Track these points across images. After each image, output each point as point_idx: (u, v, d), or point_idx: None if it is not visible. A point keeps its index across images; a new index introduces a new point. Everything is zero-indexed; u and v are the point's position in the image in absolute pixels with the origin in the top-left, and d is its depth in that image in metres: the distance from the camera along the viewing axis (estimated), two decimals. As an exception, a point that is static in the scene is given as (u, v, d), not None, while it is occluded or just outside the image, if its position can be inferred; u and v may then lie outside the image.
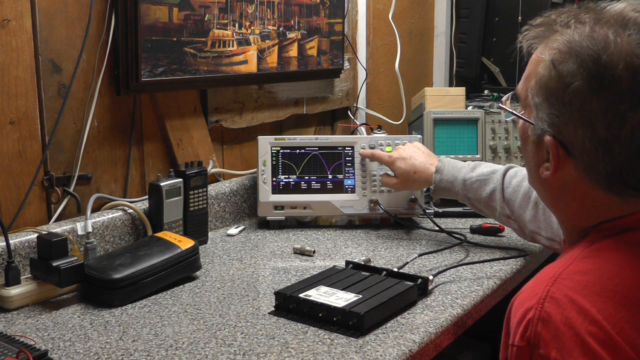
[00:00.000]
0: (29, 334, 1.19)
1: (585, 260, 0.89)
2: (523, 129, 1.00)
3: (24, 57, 1.42)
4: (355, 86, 2.42)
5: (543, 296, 0.84)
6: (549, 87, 0.91)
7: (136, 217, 1.59)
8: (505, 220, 1.55)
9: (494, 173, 1.55)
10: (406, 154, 1.70)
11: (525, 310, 0.85)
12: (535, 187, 1.05)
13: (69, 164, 1.54)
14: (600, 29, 0.89)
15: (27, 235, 1.39)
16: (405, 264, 1.48)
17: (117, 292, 1.32)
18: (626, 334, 0.80)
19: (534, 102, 0.94)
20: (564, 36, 0.91)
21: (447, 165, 1.62)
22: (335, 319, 1.20)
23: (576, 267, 0.88)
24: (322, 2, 2.09)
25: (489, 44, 2.50)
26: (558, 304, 0.83)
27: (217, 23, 1.78)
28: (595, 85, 0.87)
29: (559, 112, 0.91)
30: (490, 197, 1.54)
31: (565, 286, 0.84)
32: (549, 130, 0.92)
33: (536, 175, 0.99)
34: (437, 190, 1.64)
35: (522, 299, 0.87)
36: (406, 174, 1.68)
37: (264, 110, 2.03)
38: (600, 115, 0.87)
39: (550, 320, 0.82)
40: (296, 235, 1.78)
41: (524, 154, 1.03)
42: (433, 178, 1.63)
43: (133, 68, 1.59)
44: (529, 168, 1.03)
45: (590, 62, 0.87)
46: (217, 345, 1.15)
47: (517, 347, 0.84)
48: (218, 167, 1.91)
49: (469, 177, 1.57)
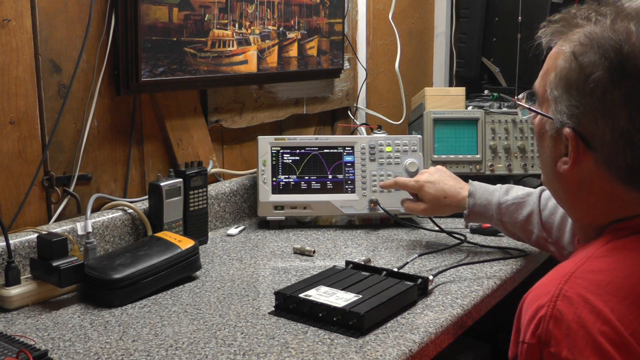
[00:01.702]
0: (29, 334, 1.19)
1: (600, 259, 0.88)
2: (540, 124, 0.99)
3: (24, 57, 1.42)
4: (355, 86, 2.42)
5: (556, 294, 0.83)
6: (569, 79, 0.91)
7: (136, 217, 1.59)
8: (542, 244, 1.47)
9: (529, 195, 1.48)
10: (434, 178, 1.60)
11: (537, 307, 0.84)
12: (550, 186, 1.04)
13: (69, 164, 1.54)
14: (621, 21, 0.89)
15: (27, 235, 1.39)
16: (405, 264, 1.48)
17: (117, 292, 1.32)
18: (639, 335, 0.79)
19: (553, 96, 0.94)
20: (585, 28, 0.91)
21: (479, 189, 1.54)
22: (335, 319, 1.20)
23: (590, 265, 0.87)
24: (322, 2, 2.09)
25: (489, 44, 2.50)
26: (571, 302, 0.82)
27: (217, 23, 1.78)
28: (617, 75, 0.87)
29: (579, 103, 0.90)
30: (527, 220, 1.47)
31: (578, 285, 0.84)
32: (569, 123, 0.92)
33: (553, 172, 0.98)
34: (471, 215, 1.54)
35: (534, 296, 0.86)
36: (436, 199, 1.58)
37: (264, 110, 2.03)
38: (621, 105, 0.87)
39: (563, 318, 0.81)
40: (296, 235, 1.78)
41: (540, 151, 1.02)
42: (466, 202, 1.54)
43: (133, 68, 1.59)
44: (545, 165, 1.01)
45: (612, 52, 0.87)
46: (217, 345, 1.15)
47: (527, 344, 0.84)
48: (218, 167, 1.91)
49: (504, 200, 1.50)
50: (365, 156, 1.86)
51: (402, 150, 1.87)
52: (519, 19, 2.34)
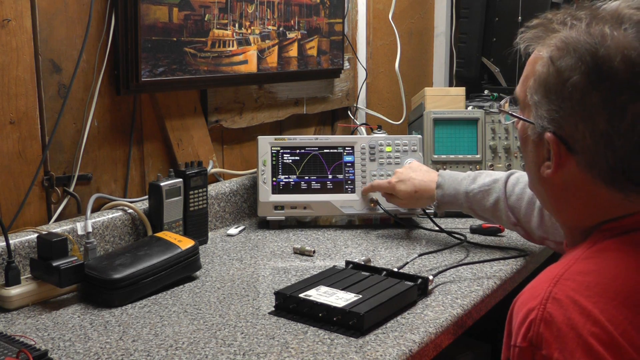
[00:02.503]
0: (29, 334, 1.19)
1: (587, 261, 0.89)
2: (523, 129, 1.00)
3: (24, 57, 1.42)
4: (355, 86, 2.42)
5: (545, 297, 0.84)
6: (547, 83, 0.92)
7: (136, 217, 1.59)
8: (512, 228, 1.54)
9: (495, 182, 1.55)
10: (404, 176, 1.70)
11: (528, 311, 0.84)
12: (535, 190, 1.05)
13: (69, 164, 1.54)
14: (596, 24, 0.89)
15: (27, 235, 1.39)
16: (405, 264, 1.48)
17: (117, 292, 1.32)
18: (629, 335, 0.80)
19: (533, 101, 0.94)
20: (561, 33, 0.92)
21: (447, 179, 1.62)
22: (335, 319, 1.20)
23: (578, 267, 0.88)
24: (322, 2, 2.09)
25: (489, 44, 2.50)
26: (560, 304, 0.82)
27: (217, 23, 1.78)
28: (594, 78, 0.87)
29: (558, 107, 0.91)
30: (495, 206, 1.53)
31: (567, 287, 0.84)
32: (549, 127, 0.92)
33: (537, 176, 0.99)
34: (441, 205, 1.64)
35: (524, 299, 0.87)
36: (409, 195, 1.68)
37: (264, 110, 2.03)
38: (600, 108, 0.87)
39: (553, 321, 0.82)
40: (296, 235, 1.78)
41: (524, 156, 1.03)
42: (435, 194, 1.63)
43: (133, 68, 1.59)
44: (529, 170, 1.03)
45: (588, 55, 0.88)
46: (217, 345, 1.15)
47: (519, 347, 0.84)
48: (218, 167, 1.91)
49: (471, 189, 1.57)
50: (365, 156, 1.86)
51: (402, 150, 1.87)
52: (519, 19, 2.34)
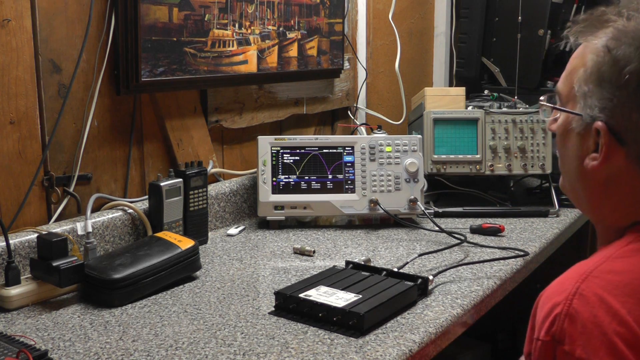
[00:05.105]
0: (29, 334, 1.19)
1: (619, 260, 0.87)
2: (565, 123, 0.97)
3: (24, 57, 1.42)
4: (355, 86, 2.42)
5: (572, 292, 0.83)
6: (602, 72, 0.90)
7: (136, 217, 1.59)
8: None
9: None
10: None
11: (553, 305, 0.83)
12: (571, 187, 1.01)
13: (69, 164, 1.54)
14: None
15: (27, 235, 1.39)
16: (405, 264, 1.48)
17: (117, 292, 1.32)
18: None
19: (582, 92, 0.93)
20: (617, 23, 0.91)
21: None
22: (335, 319, 1.20)
23: (609, 266, 0.86)
24: (322, 2, 2.09)
25: (489, 44, 2.50)
26: (587, 301, 0.81)
27: (217, 23, 1.78)
28: None
29: (612, 95, 0.89)
30: None
31: (596, 284, 0.83)
32: (600, 116, 0.90)
33: (578, 170, 0.96)
34: None
35: (550, 294, 0.86)
36: None
37: (264, 110, 2.03)
38: None
39: (578, 317, 0.81)
40: (296, 235, 1.78)
41: (563, 151, 1.00)
42: None
43: (133, 68, 1.59)
44: (569, 164, 0.99)
45: None
46: (217, 345, 1.15)
47: (541, 341, 0.83)
48: (218, 167, 1.91)
49: None
50: (365, 156, 1.86)
51: (402, 150, 1.87)
52: (519, 19, 2.34)
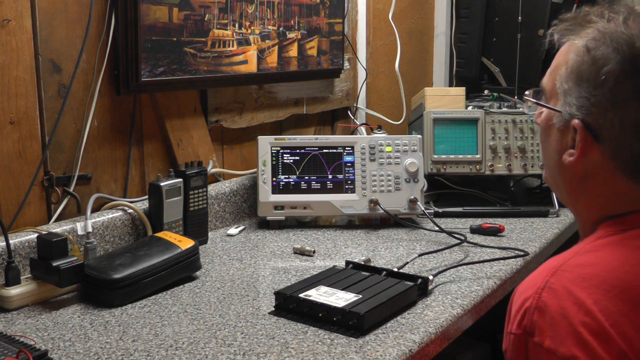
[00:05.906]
0: (29, 334, 1.19)
1: (587, 254, 0.91)
2: (547, 118, 1.01)
3: (24, 57, 1.42)
4: (355, 86, 2.42)
5: (542, 286, 0.86)
6: (580, 71, 0.93)
7: (136, 217, 1.59)
8: None
9: None
10: None
11: (524, 299, 0.87)
12: (553, 180, 1.05)
13: (69, 164, 1.54)
14: (634, 20, 0.92)
15: (27, 235, 1.39)
16: (405, 264, 1.48)
17: (117, 292, 1.32)
18: (620, 327, 0.82)
19: (563, 89, 0.96)
20: (598, 24, 0.94)
21: None
22: (335, 319, 1.20)
23: (578, 260, 0.90)
24: (322, 2, 2.09)
25: (489, 44, 2.50)
26: (555, 294, 0.85)
27: (217, 23, 1.78)
28: (629, 68, 0.89)
29: (589, 94, 0.92)
30: None
31: (564, 278, 0.86)
32: (577, 114, 0.94)
33: (557, 164, 0.99)
34: None
35: (522, 289, 0.90)
36: None
37: (264, 110, 2.03)
38: (632, 97, 0.90)
39: (547, 309, 0.84)
40: (296, 235, 1.78)
41: (545, 146, 1.03)
42: None
43: (133, 68, 1.59)
44: (549, 158, 1.03)
45: (625, 46, 0.90)
46: (217, 345, 1.15)
47: (514, 334, 0.87)
48: (218, 167, 1.91)
49: None
50: (365, 156, 1.86)
51: (402, 150, 1.87)
52: (519, 19, 2.34)
